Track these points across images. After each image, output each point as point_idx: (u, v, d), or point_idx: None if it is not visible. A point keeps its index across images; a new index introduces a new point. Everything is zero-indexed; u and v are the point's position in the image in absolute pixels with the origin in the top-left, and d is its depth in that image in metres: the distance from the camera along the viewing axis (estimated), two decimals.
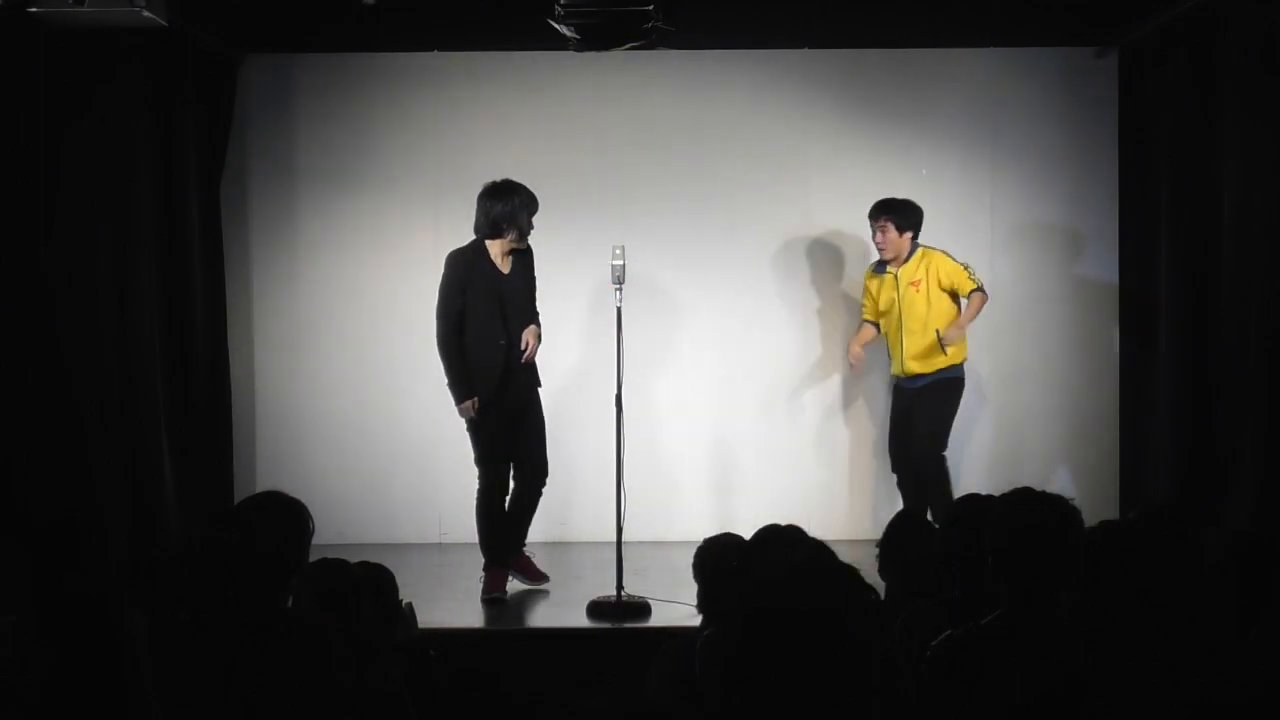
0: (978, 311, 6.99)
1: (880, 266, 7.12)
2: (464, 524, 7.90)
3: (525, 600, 6.56)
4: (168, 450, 7.06)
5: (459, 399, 6.38)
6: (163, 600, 3.26)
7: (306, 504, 4.09)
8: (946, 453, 7.05)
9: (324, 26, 7.55)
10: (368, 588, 3.74)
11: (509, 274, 6.43)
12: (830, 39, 7.82)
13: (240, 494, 7.68)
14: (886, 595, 4.20)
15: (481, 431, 6.42)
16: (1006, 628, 3.15)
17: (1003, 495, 3.45)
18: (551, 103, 7.93)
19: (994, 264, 7.87)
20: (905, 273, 7.02)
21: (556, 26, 6.55)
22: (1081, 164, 7.89)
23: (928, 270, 7.00)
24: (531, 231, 6.47)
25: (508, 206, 6.36)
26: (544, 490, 6.56)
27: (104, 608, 3.10)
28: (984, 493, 4.27)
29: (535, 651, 5.74)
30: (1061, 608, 3.17)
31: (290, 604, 3.57)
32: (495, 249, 6.40)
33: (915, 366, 6.99)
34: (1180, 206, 7.07)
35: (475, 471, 8.05)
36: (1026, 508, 3.30)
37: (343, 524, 7.21)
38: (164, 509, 6.95)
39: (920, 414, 7.02)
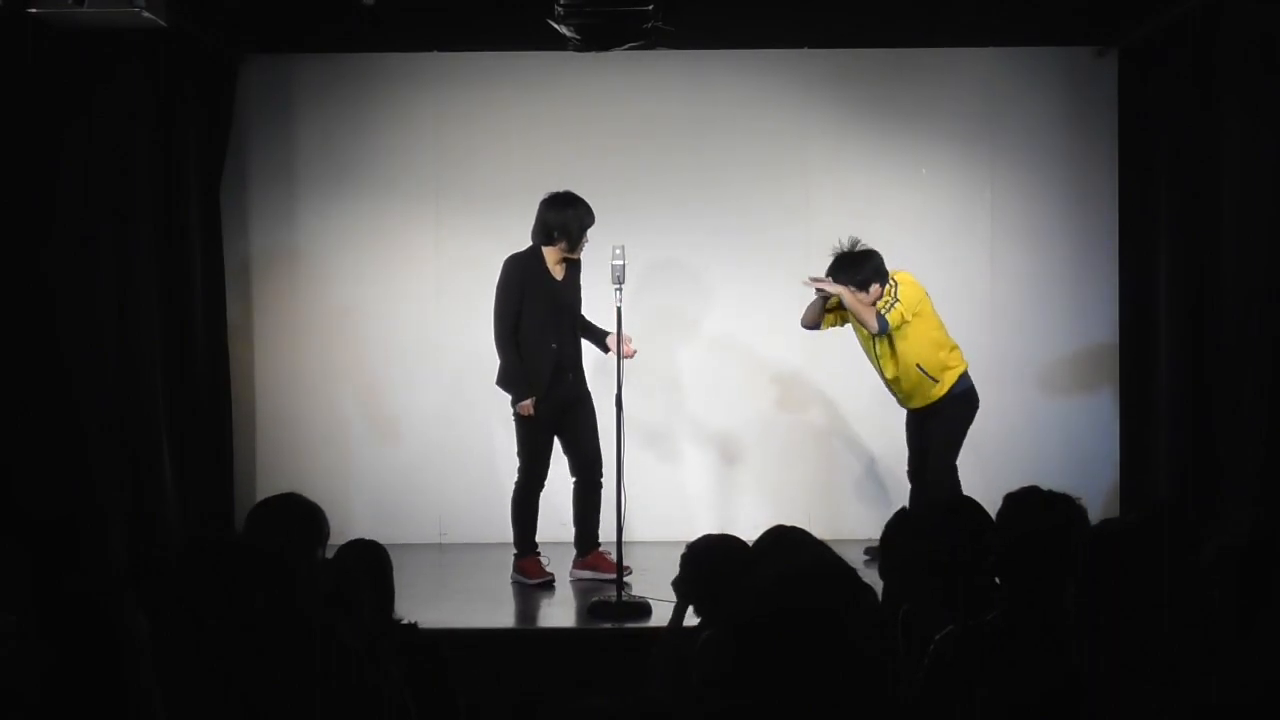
0: (858, 306, 6.56)
1: None
2: (464, 524, 7.94)
3: (525, 600, 6.56)
4: (168, 450, 7.07)
5: (518, 397, 6.56)
6: (164, 601, 3.26)
7: None
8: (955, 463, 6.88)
9: (324, 26, 7.54)
10: (364, 572, 3.76)
11: (562, 281, 6.66)
12: (830, 39, 7.82)
13: (240, 494, 7.69)
14: (885, 595, 4.20)
15: (528, 429, 6.61)
16: (1007, 627, 3.15)
17: (1009, 494, 3.46)
18: (551, 103, 7.93)
19: (994, 264, 7.87)
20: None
21: (556, 27, 6.55)
22: (1081, 164, 7.89)
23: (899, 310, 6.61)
24: (585, 244, 6.62)
25: (561, 216, 6.58)
26: (600, 483, 6.73)
27: (104, 608, 3.10)
28: (983, 493, 4.27)
29: (535, 651, 5.74)
30: (1062, 607, 3.17)
31: (293, 604, 3.56)
32: (550, 256, 6.63)
33: (915, 403, 6.83)
34: (1180, 206, 7.07)
35: (474, 472, 8.08)
36: (1032, 507, 3.30)
37: (343, 524, 7.17)
38: (164, 509, 6.96)
39: (931, 432, 6.84)
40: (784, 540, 3.99)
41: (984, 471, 7.63)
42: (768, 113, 7.92)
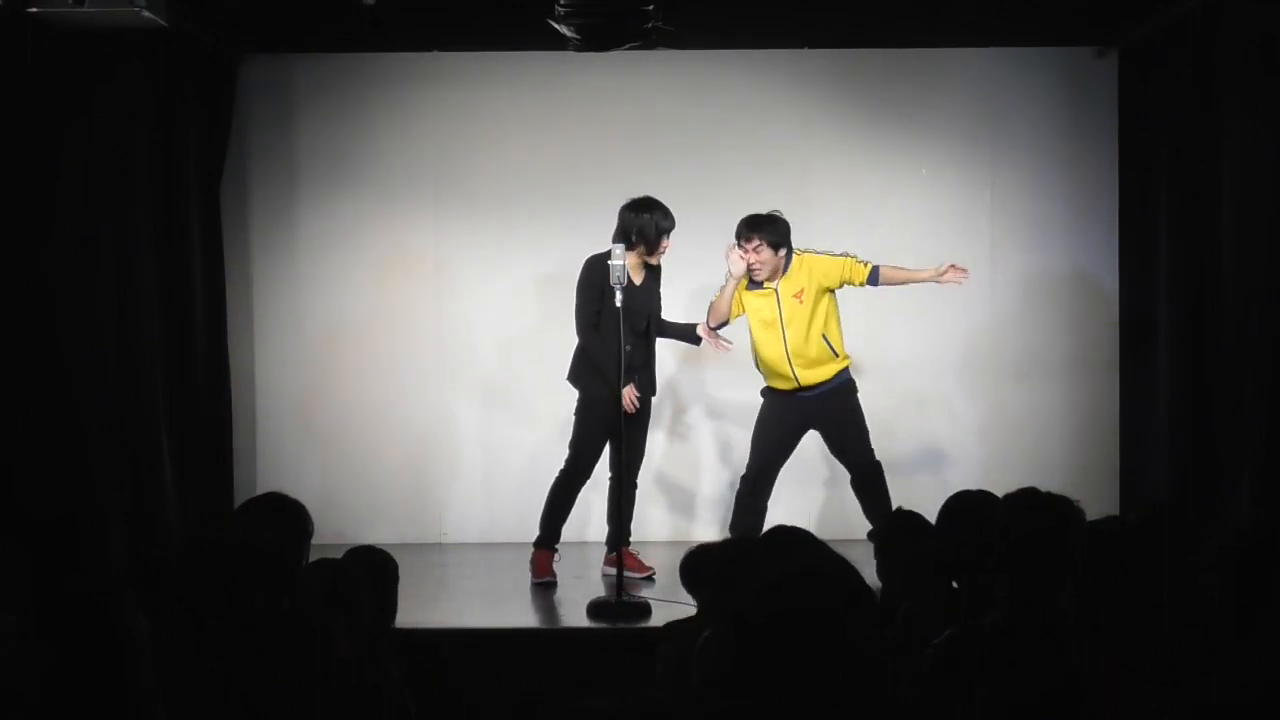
0: (904, 270, 6.73)
1: (755, 284, 6.70)
2: (464, 524, 7.95)
3: (526, 600, 6.56)
4: (168, 450, 7.06)
5: (619, 388, 6.48)
6: (164, 601, 3.27)
7: (306, 504, 4.11)
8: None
9: (324, 26, 7.54)
10: (367, 580, 3.76)
11: (639, 285, 6.65)
12: (830, 39, 7.82)
13: (240, 494, 7.68)
14: (884, 595, 4.20)
15: (588, 421, 6.64)
16: (1007, 628, 3.15)
17: (1006, 495, 3.46)
18: (551, 103, 7.92)
19: (994, 264, 7.87)
20: (786, 285, 6.64)
21: (556, 27, 6.55)
22: (1081, 164, 7.89)
23: (809, 277, 6.63)
24: (665, 249, 6.65)
25: (639, 220, 6.61)
26: (636, 483, 6.82)
27: (104, 608, 3.10)
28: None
29: (535, 651, 5.74)
30: (1062, 607, 3.17)
31: (292, 604, 3.56)
32: (630, 259, 6.58)
33: (811, 376, 6.66)
34: (1180, 206, 7.07)
35: (474, 472, 8.06)
36: (1031, 508, 3.30)
37: (343, 524, 7.19)
38: (164, 509, 6.96)
39: (842, 424, 6.72)
40: (784, 540, 3.99)
41: (983, 471, 7.64)
42: (768, 113, 7.92)
